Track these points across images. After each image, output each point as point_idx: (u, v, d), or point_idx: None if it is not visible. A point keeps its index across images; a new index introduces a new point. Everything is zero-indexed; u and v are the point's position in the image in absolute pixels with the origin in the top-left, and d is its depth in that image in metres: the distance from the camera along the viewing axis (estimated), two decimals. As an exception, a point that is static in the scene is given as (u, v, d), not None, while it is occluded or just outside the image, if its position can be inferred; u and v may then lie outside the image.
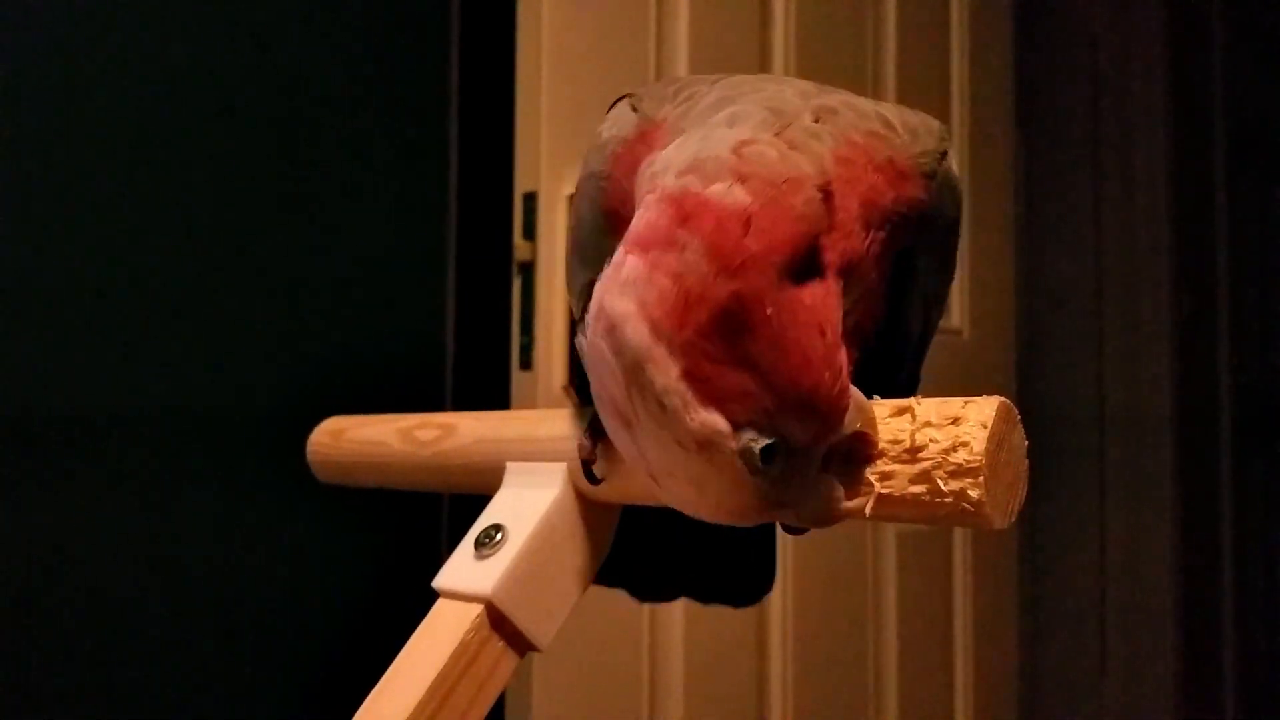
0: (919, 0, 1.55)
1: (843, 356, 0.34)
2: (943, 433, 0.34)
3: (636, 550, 0.56)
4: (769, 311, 0.32)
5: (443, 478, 0.56)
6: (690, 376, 0.31)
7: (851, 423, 0.34)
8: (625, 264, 0.33)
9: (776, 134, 0.36)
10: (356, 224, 1.08)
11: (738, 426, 0.32)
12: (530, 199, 1.11)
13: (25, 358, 0.90)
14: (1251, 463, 1.78)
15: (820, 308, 0.33)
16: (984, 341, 1.62)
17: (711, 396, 0.31)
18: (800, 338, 0.32)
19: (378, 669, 0.44)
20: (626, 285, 0.32)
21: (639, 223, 0.34)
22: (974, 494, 0.33)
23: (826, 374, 0.33)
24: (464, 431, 0.54)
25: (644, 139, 0.40)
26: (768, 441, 0.32)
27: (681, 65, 1.22)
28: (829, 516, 0.35)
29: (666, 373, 0.31)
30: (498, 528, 0.45)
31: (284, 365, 1.02)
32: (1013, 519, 0.34)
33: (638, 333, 0.31)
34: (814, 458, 0.34)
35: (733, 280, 0.31)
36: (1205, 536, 1.72)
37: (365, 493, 0.64)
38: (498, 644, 0.44)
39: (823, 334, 0.33)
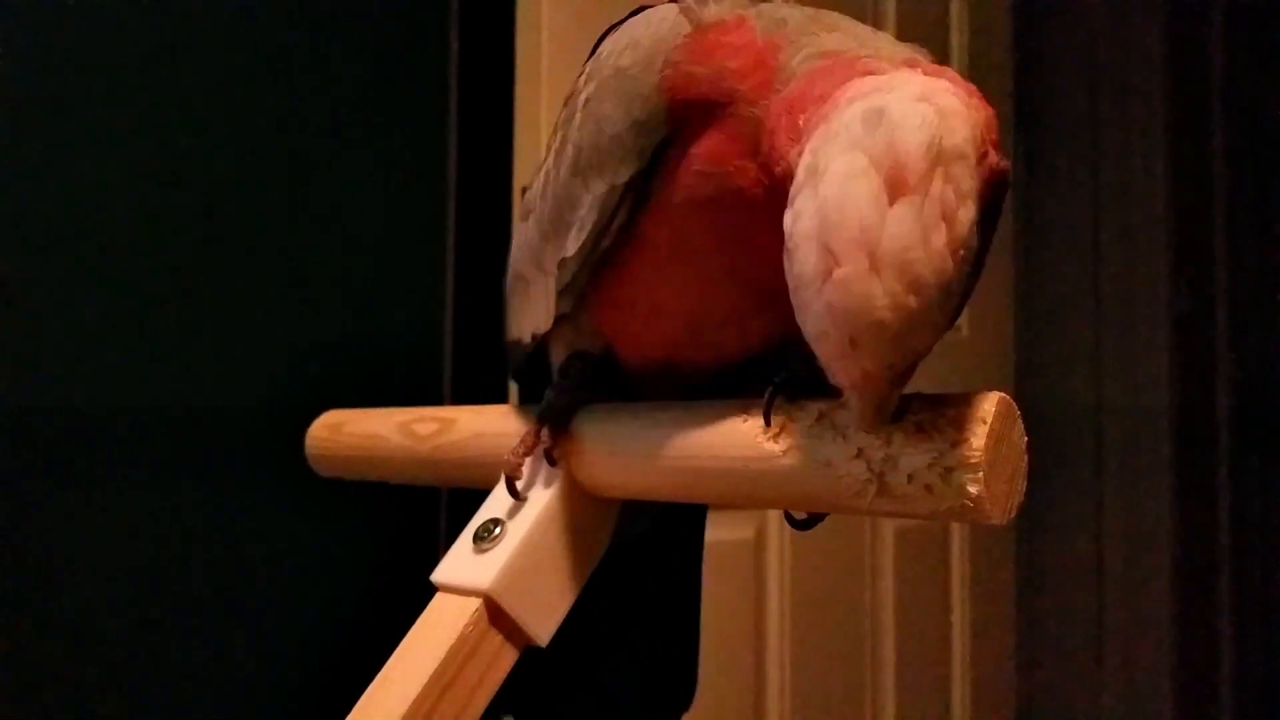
0: (919, 1, 1.55)
1: None
2: (943, 428, 0.34)
3: (542, 678, 0.54)
4: (995, 207, 0.35)
5: (441, 472, 0.56)
6: (978, 195, 0.32)
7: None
8: (918, 83, 0.33)
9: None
10: (356, 219, 1.08)
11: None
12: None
13: (25, 353, 0.90)
14: (1248, 460, 1.78)
15: None
16: (983, 339, 1.62)
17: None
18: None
19: (375, 662, 0.44)
20: (948, 91, 0.33)
21: (913, 80, 0.34)
22: (974, 490, 0.33)
23: None
24: (462, 425, 0.54)
25: (726, 28, 0.39)
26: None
27: (681, 60, 1.22)
28: (887, 418, 0.34)
29: (974, 179, 0.32)
30: (496, 522, 0.45)
31: (282, 359, 1.02)
32: (1012, 515, 0.34)
33: (965, 132, 0.32)
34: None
35: (994, 160, 0.33)
36: (1202, 533, 1.72)
37: (363, 486, 0.64)
38: (496, 638, 0.43)
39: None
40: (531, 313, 0.48)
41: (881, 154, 0.31)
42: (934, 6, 1.59)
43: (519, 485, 0.45)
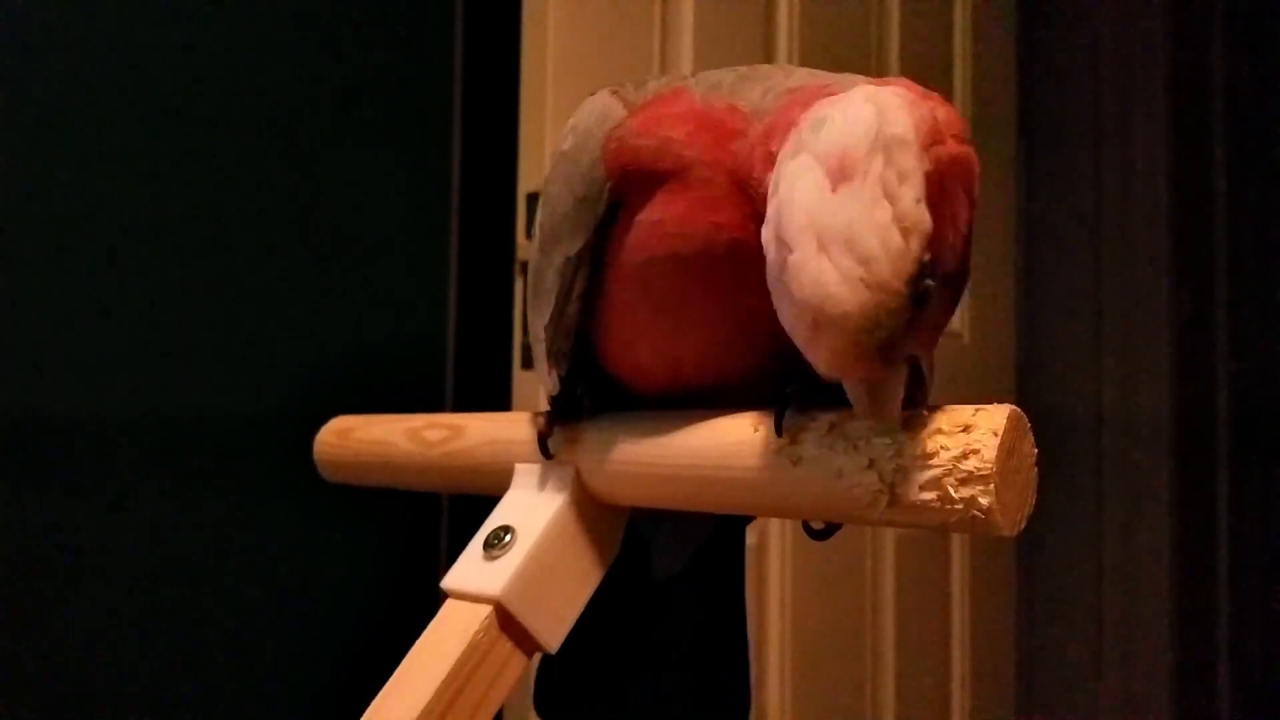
0: (923, 3, 1.56)
1: None
2: (954, 440, 0.34)
3: (603, 692, 0.55)
4: (964, 193, 0.34)
5: (450, 478, 0.56)
6: (928, 179, 0.33)
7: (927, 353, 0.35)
8: (866, 89, 0.34)
9: None
10: (360, 225, 1.08)
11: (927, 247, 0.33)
12: (534, 199, 1.11)
13: (38, 361, 0.90)
14: (1248, 468, 1.78)
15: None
16: (984, 346, 1.62)
17: (931, 206, 0.33)
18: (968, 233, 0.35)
19: (380, 667, 0.44)
20: (892, 92, 0.34)
21: (861, 89, 0.35)
22: (984, 501, 0.33)
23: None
24: (472, 432, 0.54)
25: (665, 101, 0.41)
26: (930, 280, 0.33)
27: (686, 64, 1.22)
28: (893, 410, 0.35)
29: (919, 161, 0.33)
30: (507, 529, 0.46)
31: (288, 365, 1.03)
32: (1022, 526, 0.34)
33: (906, 121, 0.33)
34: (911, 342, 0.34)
35: (953, 147, 0.34)
36: (1202, 540, 1.72)
37: (368, 492, 0.64)
38: (506, 645, 0.44)
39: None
40: (543, 379, 0.51)
41: (824, 150, 0.33)
42: (937, 14, 1.60)
43: (550, 444, 0.47)
